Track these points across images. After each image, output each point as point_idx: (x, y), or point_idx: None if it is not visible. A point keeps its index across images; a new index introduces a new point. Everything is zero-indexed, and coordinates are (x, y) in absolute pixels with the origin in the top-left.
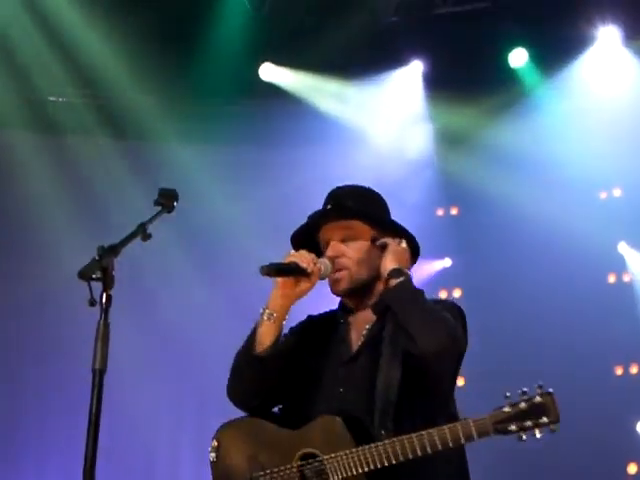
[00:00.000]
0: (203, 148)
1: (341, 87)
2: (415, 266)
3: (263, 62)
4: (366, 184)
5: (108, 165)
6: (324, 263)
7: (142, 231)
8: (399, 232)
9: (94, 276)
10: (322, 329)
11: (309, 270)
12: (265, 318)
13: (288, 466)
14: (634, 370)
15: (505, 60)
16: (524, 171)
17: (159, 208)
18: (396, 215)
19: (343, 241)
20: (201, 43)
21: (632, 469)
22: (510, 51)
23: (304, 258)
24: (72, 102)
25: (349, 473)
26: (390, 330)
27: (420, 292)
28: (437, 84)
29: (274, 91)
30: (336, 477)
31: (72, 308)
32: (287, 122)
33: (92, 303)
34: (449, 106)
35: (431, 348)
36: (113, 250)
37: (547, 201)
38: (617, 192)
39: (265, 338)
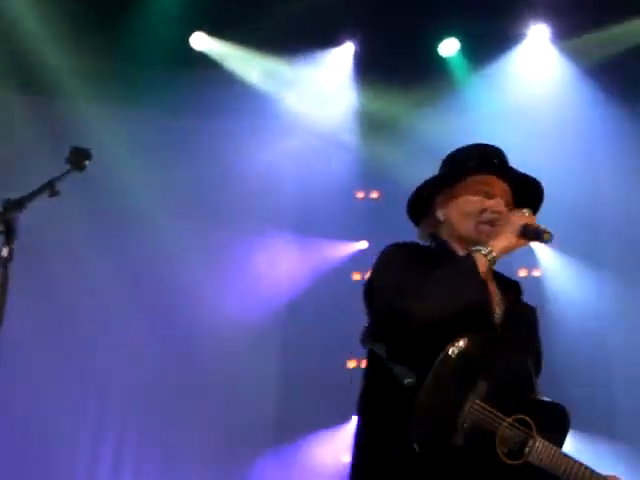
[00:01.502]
0: (127, 114)
1: (272, 63)
2: (330, 247)
3: (195, 31)
4: (288, 161)
5: (18, 120)
6: None
7: (50, 187)
8: None
9: None
10: None
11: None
12: (489, 259)
13: (501, 416)
14: None
15: (436, 49)
16: None
17: (69, 166)
18: (315, 194)
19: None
20: (135, 8)
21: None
22: (442, 40)
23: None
24: None
25: (543, 463)
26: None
27: None
28: (368, 68)
29: (205, 61)
30: (529, 458)
31: None
32: (215, 93)
33: None
34: (378, 90)
35: None
36: (19, 203)
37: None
38: None
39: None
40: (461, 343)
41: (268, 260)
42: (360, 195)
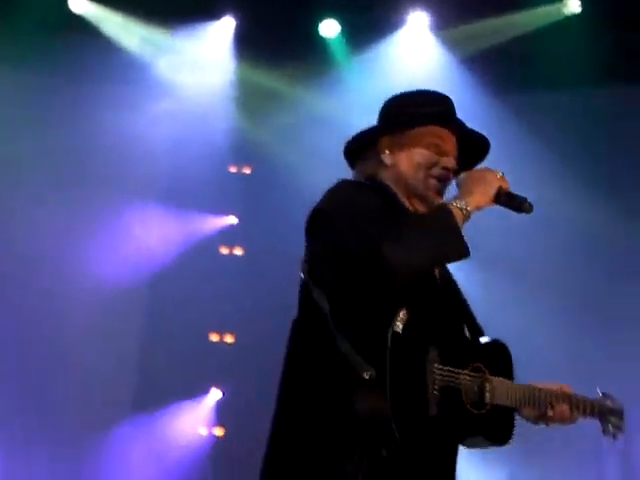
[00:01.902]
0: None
1: (151, 31)
2: (200, 220)
3: None
4: (162, 131)
5: None
6: None
7: None
8: None
9: None
10: None
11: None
12: (464, 214)
13: (459, 370)
14: None
15: (317, 29)
16: (323, 142)
17: None
18: (188, 166)
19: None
20: None
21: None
22: (323, 20)
23: None
24: None
25: (503, 400)
26: None
27: None
28: (248, 43)
29: (83, 25)
30: (493, 401)
31: None
32: (92, 58)
33: None
34: (257, 66)
35: None
36: None
37: (338, 176)
38: None
39: None
40: (401, 315)
41: (136, 230)
42: (233, 169)
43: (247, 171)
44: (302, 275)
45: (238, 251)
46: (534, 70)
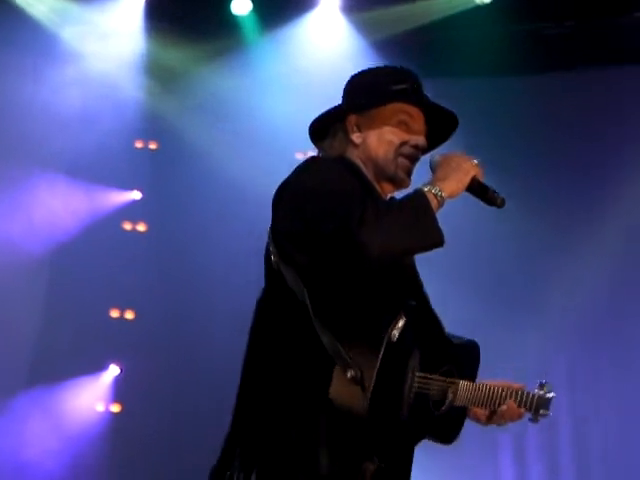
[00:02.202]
0: None
1: (61, 1)
2: (103, 194)
3: None
4: (67, 102)
5: None
6: None
7: None
8: None
9: None
10: None
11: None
12: (439, 201)
13: (431, 376)
14: None
15: (229, 6)
16: (230, 121)
17: None
18: (92, 139)
19: None
20: None
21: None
22: None
23: None
24: None
25: (465, 402)
26: None
27: None
28: (158, 17)
29: None
30: (448, 404)
31: None
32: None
33: None
34: (167, 41)
35: None
36: None
37: (245, 156)
38: (313, 154)
39: None
40: (400, 324)
41: (35, 204)
42: (139, 144)
43: (153, 146)
44: (271, 251)
45: (141, 227)
46: (447, 57)
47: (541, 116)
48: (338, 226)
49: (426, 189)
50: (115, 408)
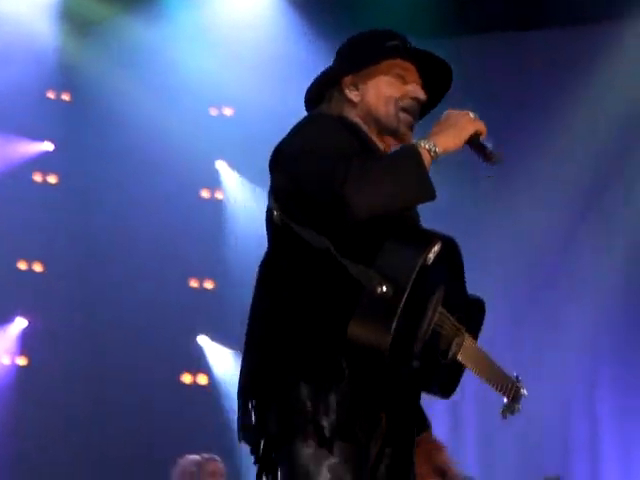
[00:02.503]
0: None
1: None
2: (11, 144)
3: None
4: None
5: None
6: None
7: None
8: None
9: None
10: None
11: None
12: (432, 156)
13: (448, 316)
14: (209, 285)
15: None
16: (146, 72)
17: None
18: (3, 88)
19: None
20: None
21: (187, 379)
22: None
23: None
24: None
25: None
26: None
27: None
28: None
29: None
30: (452, 355)
31: None
32: None
33: None
34: None
35: None
36: None
37: (160, 108)
38: (228, 111)
39: None
40: (436, 248)
41: None
42: (51, 95)
43: (66, 97)
44: (273, 208)
45: (52, 179)
46: (365, 17)
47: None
48: (322, 185)
49: (420, 143)
50: (21, 361)
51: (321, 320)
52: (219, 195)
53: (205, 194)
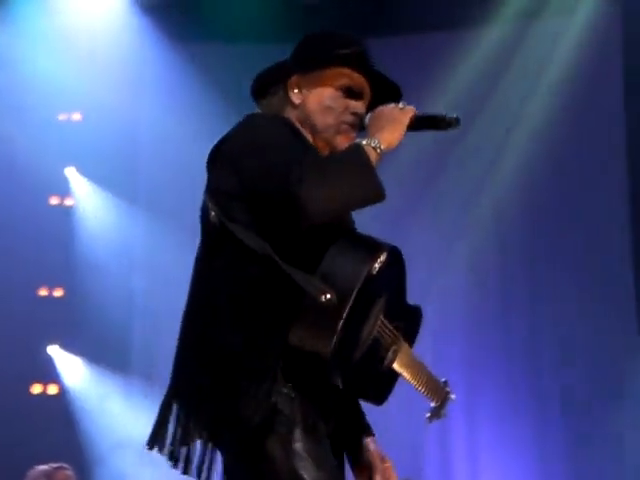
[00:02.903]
0: None
1: None
2: None
3: None
4: None
5: None
6: None
7: None
8: None
9: None
10: None
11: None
12: (378, 153)
13: (387, 325)
14: (58, 293)
15: None
16: None
17: None
18: None
19: None
20: None
21: (36, 389)
22: None
23: None
24: None
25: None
26: None
27: None
28: None
29: None
30: (388, 362)
31: None
32: None
33: None
34: None
35: None
36: None
37: (7, 113)
38: (77, 116)
39: None
40: (382, 258)
41: None
42: None
43: None
44: (209, 208)
45: None
46: (215, 22)
47: None
48: (277, 185)
49: (364, 142)
50: None
51: (260, 324)
52: (69, 202)
53: (54, 201)
